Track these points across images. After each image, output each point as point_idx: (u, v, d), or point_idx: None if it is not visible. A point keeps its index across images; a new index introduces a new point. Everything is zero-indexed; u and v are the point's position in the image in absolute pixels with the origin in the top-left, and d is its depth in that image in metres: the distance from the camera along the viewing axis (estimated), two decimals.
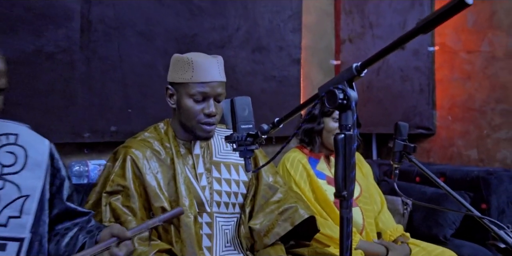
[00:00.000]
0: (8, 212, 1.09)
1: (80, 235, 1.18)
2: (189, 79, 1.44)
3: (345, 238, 0.87)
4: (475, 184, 2.35)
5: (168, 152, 1.50)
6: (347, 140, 0.86)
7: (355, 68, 0.90)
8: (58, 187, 1.23)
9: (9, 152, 1.14)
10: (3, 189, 1.10)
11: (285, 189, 1.62)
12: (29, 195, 1.13)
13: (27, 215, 1.12)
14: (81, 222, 1.26)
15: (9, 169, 1.13)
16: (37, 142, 1.21)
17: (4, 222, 1.08)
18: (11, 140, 1.16)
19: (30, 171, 1.15)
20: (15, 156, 1.15)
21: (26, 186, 1.13)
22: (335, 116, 1.86)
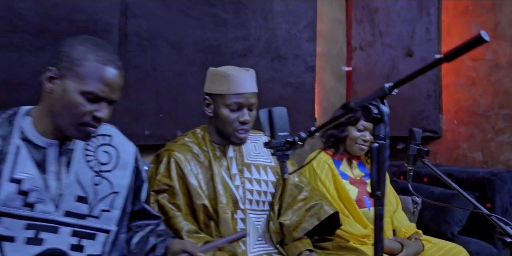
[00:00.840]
0: (102, 206, 1.22)
1: (151, 237, 1.31)
2: (225, 90, 1.60)
3: (377, 231, 1.03)
4: (480, 184, 2.51)
5: (206, 155, 1.66)
6: (381, 149, 1.03)
7: (387, 88, 1.05)
8: (139, 188, 1.35)
9: (105, 151, 1.27)
10: (100, 185, 1.23)
11: (309, 188, 1.78)
12: (118, 192, 1.26)
13: (115, 209, 1.25)
14: (152, 224, 1.38)
15: (105, 167, 1.25)
16: (125, 145, 1.33)
17: (97, 214, 1.21)
18: (106, 140, 1.29)
19: (120, 171, 1.28)
20: (109, 156, 1.27)
21: (117, 184, 1.26)
22: (359, 126, 2.01)
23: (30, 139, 1.16)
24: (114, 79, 1.14)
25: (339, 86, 3.13)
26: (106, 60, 1.13)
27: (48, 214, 1.15)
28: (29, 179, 1.13)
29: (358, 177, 2.09)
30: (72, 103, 1.11)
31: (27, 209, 1.13)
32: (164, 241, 1.30)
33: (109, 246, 1.25)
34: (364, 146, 2.01)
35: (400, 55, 3.07)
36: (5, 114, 1.19)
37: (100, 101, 1.13)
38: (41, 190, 1.15)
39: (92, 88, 1.11)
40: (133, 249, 1.31)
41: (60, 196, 1.17)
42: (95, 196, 1.22)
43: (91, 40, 1.16)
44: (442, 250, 1.94)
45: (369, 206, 2.02)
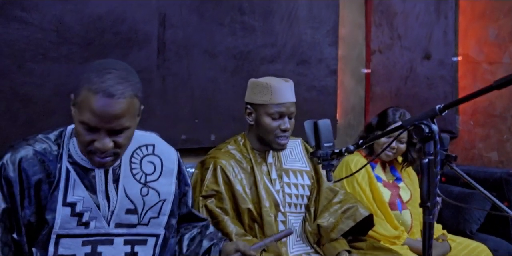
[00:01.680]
0: (150, 214, 1.29)
1: (204, 241, 1.38)
2: (268, 101, 1.70)
3: (427, 238, 1.14)
4: (497, 184, 2.63)
5: (248, 161, 1.77)
6: (431, 164, 1.13)
7: (438, 109, 1.15)
8: (185, 193, 1.42)
9: (149, 161, 1.32)
10: (148, 195, 1.29)
11: (344, 191, 1.89)
12: (166, 199, 1.32)
13: (163, 215, 1.31)
14: (199, 226, 1.45)
15: (151, 177, 1.31)
16: (168, 151, 1.37)
17: (146, 222, 1.29)
18: (149, 150, 1.33)
19: (165, 178, 1.33)
20: (153, 165, 1.32)
21: (164, 192, 1.32)
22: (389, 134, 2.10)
23: (78, 162, 1.21)
24: (103, 109, 1.07)
25: (359, 88, 3.22)
26: (98, 87, 1.07)
27: (101, 229, 1.22)
28: (81, 201, 1.19)
29: (391, 180, 2.19)
30: (77, 131, 1.15)
31: (82, 227, 1.20)
32: (217, 244, 1.38)
33: (159, 249, 1.33)
34: (390, 153, 2.09)
35: (418, 58, 3.16)
36: (52, 136, 1.23)
37: (97, 130, 1.11)
38: (93, 210, 1.21)
39: (84, 118, 1.09)
40: (186, 251, 1.38)
41: (112, 212, 1.24)
42: (143, 206, 1.28)
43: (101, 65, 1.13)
44: (466, 249, 2.05)
45: (400, 209, 2.12)
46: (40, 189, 1.17)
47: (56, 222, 1.17)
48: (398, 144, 2.07)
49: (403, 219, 2.09)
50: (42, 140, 1.22)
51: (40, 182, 1.17)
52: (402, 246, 1.97)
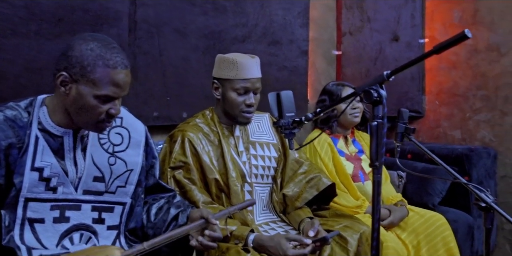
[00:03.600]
0: (117, 183, 1.36)
1: (171, 208, 1.43)
2: (234, 76, 1.77)
3: (376, 195, 1.23)
4: (459, 159, 2.76)
5: (215, 134, 1.84)
6: (379, 126, 1.22)
7: (385, 75, 1.24)
8: (152, 165, 1.48)
9: (117, 133, 1.38)
10: (115, 165, 1.35)
11: (308, 162, 1.98)
12: (133, 169, 1.39)
13: (130, 185, 1.38)
14: (166, 197, 1.51)
15: (118, 147, 1.37)
16: (136, 125, 1.44)
17: (113, 190, 1.35)
18: (118, 122, 1.39)
19: (133, 150, 1.40)
20: (121, 137, 1.39)
21: (131, 162, 1.38)
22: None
23: (47, 129, 1.26)
24: (124, 80, 1.21)
25: (330, 69, 3.31)
26: (114, 62, 1.19)
27: (69, 195, 1.28)
28: (49, 166, 1.24)
29: (353, 153, 2.30)
30: (88, 105, 1.20)
31: (50, 192, 1.25)
32: (185, 211, 1.43)
33: (125, 217, 1.39)
34: (357, 114, 2.24)
35: (387, 40, 3.26)
36: (22, 104, 1.27)
37: (113, 100, 1.22)
38: (61, 175, 1.26)
39: (106, 92, 1.19)
40: (153, 219, 1.44)
41: (79, 178, 1.30)
42: (110, 175, 1.35)
43: (98, 42, 1.21)
44: (423, 217, 2.18)
45: (363, 180, 2.24)
46: (10, 153, 1.22)
47: (23, 186, 1.22)
48: (358, 104, 2.22)
49: (366, 189, 2.20)
50: (12, 107, 1.27)
51: (9, 146, 1.22)
52: (364, 215, 2.08)
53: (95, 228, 1.32)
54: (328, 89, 2.34)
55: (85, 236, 1.30)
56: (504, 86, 2.81)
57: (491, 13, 2.85)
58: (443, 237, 2.15)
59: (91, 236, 1.31)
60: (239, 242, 1.60)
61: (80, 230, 1.30)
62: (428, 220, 2.18)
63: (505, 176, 2.83)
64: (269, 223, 1.86)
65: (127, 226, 1.40)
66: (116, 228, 1.37)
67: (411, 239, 2.14)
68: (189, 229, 1.29)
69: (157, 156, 1.51)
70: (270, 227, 1.83)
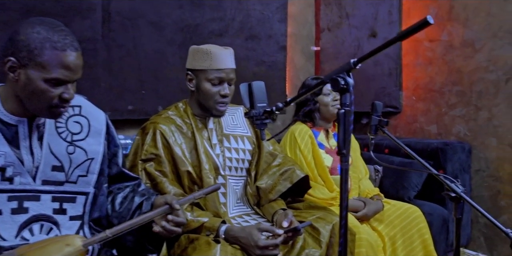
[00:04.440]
0: (78, 172, 1.32)
1: (135, 197, 1.42)
2: (208, 66, 1.76)
3: (343, 182, 1.23)
4: (434, 154, 2.80)
5: (188, 126, 1.82)
6: (347, 114, 1.22)
7: (352, 63, 1.24)
8: (114, 153, 1.45)
9: (76, 122, 1.35)
10: (74, 154, 1.32)
11: (283, 155, 1.98)
12: (93, 158, 1.35)
13: (92, 174, 1.35)
14: (131, 185, 1.49)
15: (77, 136, 1.34)
16: (96, 113, 1.41)
17: (74, 180, 1.32)
18: (76, 111, 1.36)
19: (93, 138, 1.36)
20: (80, 125, 1.35)
21: (91, 151, 1.35)
22: (325, 91, 2.24)
23: (0, 118, 1.23)
24: (75, 62, 1.17)
25: (308, 65, 3.32)
26: (63, 44, 1.15)
27: (27, 185, 1.23)
28: (3, 155, 1.20)
29: (334, 147, 2.31)
30: (38, 90, 1.16)
31: (7, 183, 1.21)
32: (149, 198, 1.40)
33: (89, 207, 1.36)
34: (338, 105, 2.24)
35: (365, 36, 3.28)
36: None
37: (64, 83, 1.18)
38: (16, 165, 1.22)
39: (56, 75, 1.15)
40: (118, 209, 1.42)
41: (36, 168, 1.26)
42: (70, 164, 1.31)
43: (44, 25, 1.17)
44: (399, 210, 2.20)
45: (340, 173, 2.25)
46: None
47: None
48: (337, 96, 2.22)
49: None
50: None
51: None
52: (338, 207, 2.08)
53: (56, 218, 1.28)
54: (307, 84, 2.35)
55: (46, 227, 1.27)
56: (478, 82, 2.85)
57: (466, 9, 2.89)
58: (419, 229, 2.17)
59: (52, 227, 1.28)
60: (211, 233, 1.59)
61: (41, 221, 1.26)
62: (404, 212, 2.20)
63: (479, 170, 2.87)
64: (243, 215, 1.85)
65: (91, 216, 1.38)
66: (79, 218, 1.34)
67: (387, 231, 2.16)
68: (152, 215, 1.27)
69: (119, 145, 1.48)
70: (244, 220, 1.82)
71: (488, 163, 2.83)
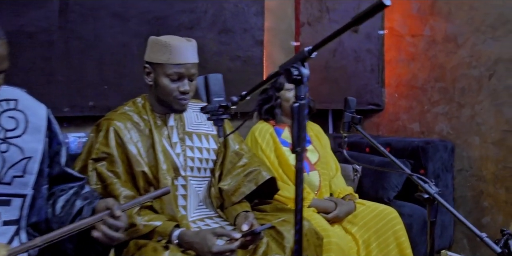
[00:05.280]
0: (13, 172, 1.20)
1: (77, 201, 1.30)
2: (166, 60, 1.63)
3: (298, 183, 1.12)
4: (415, 153, 2.69)
5: (146, 123, 1.70)
6: (301, 108, 1.11)
7: (307, 51, 1.12)
8: (57, 152, 1.33)
9: (10, 117, 1.23)
10: (8, 152, 1.20)
11: (249, 155, 1.86)
12: (31, 156, 1.23)
13: (29, 174, 1.23)
14: (76, 186, 1.37)
15: (12, 133, 1.22)
16: (35, 107, 1.29)
17: (8, 181, 1.20)
18: (11, 105, 1.24)
19: (31, 135, 1.24)
20: (16, 121, 1.23)
21: (29, 149, 1.23)
22: (287, 87, 2.13)
23: None
24: None
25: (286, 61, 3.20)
26: None
27: None
28: None
29: None
30: None
31: None
32: (91, 203, 1.29)
33: (26, 210, 1.24)
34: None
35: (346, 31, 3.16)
36: None
37: None
38: None
39: None
40: (59, 213, 1.30)
41: None
42: (3, 163, 1.20)
43: None
44: (374, 211, 2.09)
45: (308, 171, 2.14)
46: None
47: None
48: None
49: (311, 179, 2.11)
50: None
51: None
52: (307, 209, 1.97)
53: None
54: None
55: None
56: (460, 78, 2.74)
57: (448, 3, 2.79)
58: (394, 231, 2.07)
59: None
60: (163, 238, 1.47)
61: None
62: (379, 214, 2.10)
63: (462, 169, 2.77)
64: (205, 219, 1.73)
65: (29, 221, 1.25)
66: (14, 223, 1.22)
67: (361, 233, 2.05)
68: (89, 222, 1.16)
69: (62, 142, 1.36)
70: (205, 223, 1.70)
71: (471, 162, 2.73)
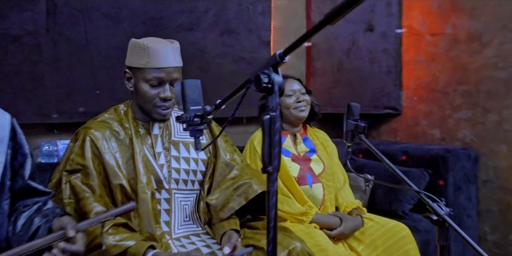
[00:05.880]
0: None
1: (36, 218, 1.21)
2: (145, 64, 1.50)
3: (270, 209, 0.96)
4: (434, 161, 2.47)
5: (127, 132, 1.57)
6: (272, 120, 0.95)
7: (278, 55, 0.96)
8: (21, 164, 1.26)
9: None
10: None
11: (241, 166, 1.71)
12: None
13: None
14: (40, 201, 1.29)
15: None
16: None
17: None
18: None
19: None
20: None
21: None
22: (287, 92, 1.97)
23: None
24: None
25: (299, 63, 3.04)
26: None
27: None
28: None
29: (302, 153, 2.03)
30: None
31: None
32: (48, 221, 1.19)
33: None
34: (303, 107, 1.99)
35: (361, 30, 2.97)
36: None
37: None
38: None
39: None
40: (19, 231, 1.21)
41: None
42: None
43: None
44: (383, 228, 1.89)
45: (311, 183, 1.96)
46: None
47: None
48: (303, 97, 1.98)
49: (313, 193, 1.93)
50: None
51: None
52: (309, 225, 1.80)
53: None
54: None
55: None
56: (486, 80, 2.50)
57: None
58: (406, 250, 1.86)
59: None
60: None
61: None
62: (389, 230, 1.90)
63: (487, 181, 2.53)
64: (190, 236, 1.59)
65: None
66: None
67: (368, 252, 1.86)
68: (40, 243, 1.05)
69: (28, 153, 1.27)
70: (190, 241, 1.56)
71: (497, 173, 2.48)
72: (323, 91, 3.05)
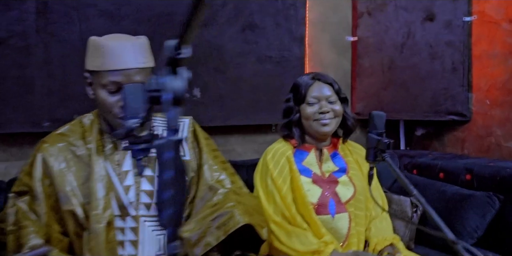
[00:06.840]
0: None
1: None
2: (100, 66, 1.25)
3: None
4: (506, 183, 1.93)
5: (88, 147, 1.33)
6: (161, 149, 0.62)
7: (171, 47, 0.63)
8: None
9: None
10: None
11: (227, 190, 1.38)
12: None
13: None
14: None
15: None
16: None
17: None
18: None
19: None
20: None
21: None
22: (309, 100, 1.59)
23: None
24: None
25: (342, 60, 2.62)
26: None
27: None
28: None
29: (328, 173, 1.62)
30: None
31: None
32: None
33: None
34: (325, 120, 1.57)
35: (418, 20, 2.48)
36: None
37: None
38: None
39: None
40: None
41: None
42: None
43: None
44: None
45: (333, 213, 1.55)
46: None
47: None
48: (329, 106, 1.58)
49: (335, 225, 1.52)
50: None
51: None
52: None
53: None
54: (296, 83, 1.69)
55: None
56: None
57: None
58: None
59: None
60: None
61: None
62: None
63: None
64: None
65: None
66: None
67: None
68: None
69: None
70: None
71: None
72: (371, 94, 2.60)
